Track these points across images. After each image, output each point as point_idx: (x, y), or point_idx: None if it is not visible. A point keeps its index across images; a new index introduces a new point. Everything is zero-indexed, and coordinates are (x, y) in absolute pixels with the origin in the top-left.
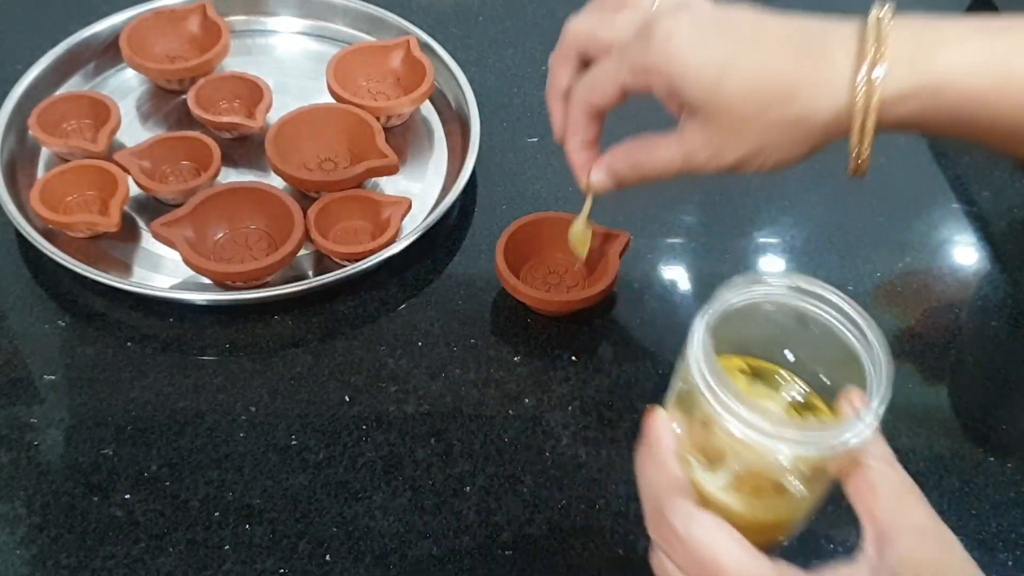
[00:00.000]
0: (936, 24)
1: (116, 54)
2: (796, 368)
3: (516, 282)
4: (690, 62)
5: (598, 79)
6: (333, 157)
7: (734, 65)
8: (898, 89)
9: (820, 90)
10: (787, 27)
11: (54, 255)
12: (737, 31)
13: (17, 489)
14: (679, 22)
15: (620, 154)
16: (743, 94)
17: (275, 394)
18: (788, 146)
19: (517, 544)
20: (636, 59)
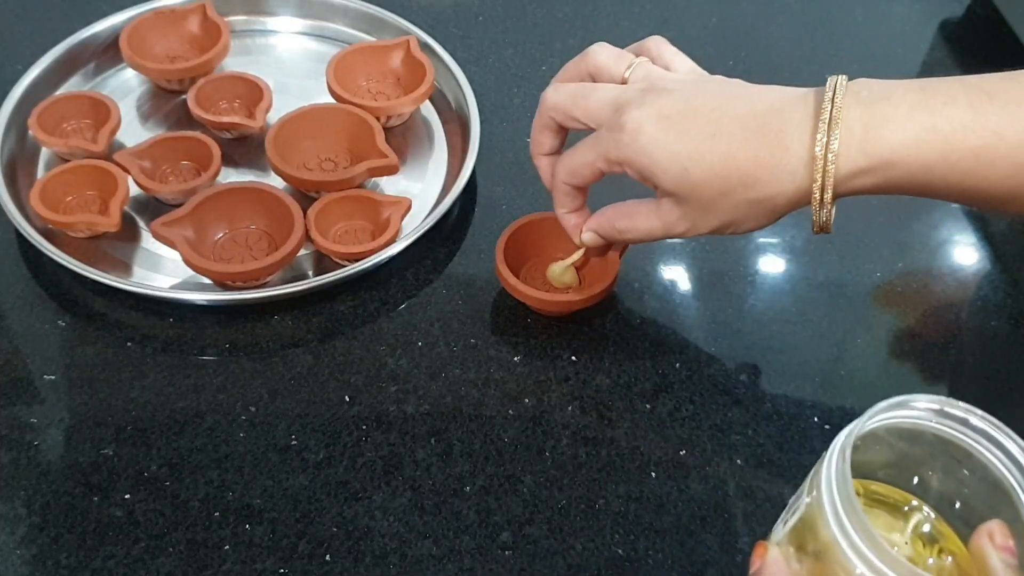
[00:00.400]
0: (884, 97)
1: (116, 54)
2: (924, 494)
3: (516, 282)
4: (658, 156)
5: (576, 165)
6: (333, 157)
7: (698, 157)
8: (852, 167)
9: (779, 174)
10: (745, 111)
11: (54, 255)
12: (697, 121)
13: (17, 489)
14: (645, 116)
15: (605, 220)
16: (708, 181)
17: (275, 394)
18: (756, 218)
19: (517, 544)
20: (608, 152)
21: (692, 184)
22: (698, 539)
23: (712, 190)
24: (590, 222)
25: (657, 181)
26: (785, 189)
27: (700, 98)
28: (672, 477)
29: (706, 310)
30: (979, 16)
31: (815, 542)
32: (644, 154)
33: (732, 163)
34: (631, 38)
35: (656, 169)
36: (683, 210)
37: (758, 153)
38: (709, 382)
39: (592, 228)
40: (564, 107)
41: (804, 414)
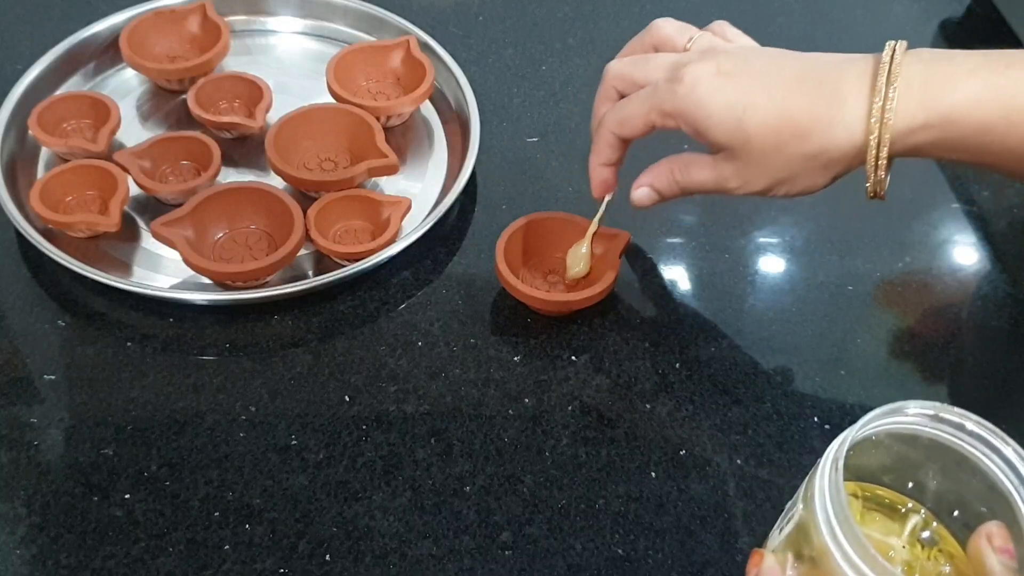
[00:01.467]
0: (946, 58)
1: (116, 54)
2: (921, 497)
3: (516, 282)
4: (712, 108)
5: (628, 114)
6: (333, 157)
7: (752, 107)
8: (909, 123)
9: (834, 127)
10: (803, 67)
11: (54, 255)
12: (755, 75)
13: (17, 489)
14: (704, 70)
15: (661, 172)
16: (762, 133)
17: (275, 394)
18: (810, 176)
19: (517, 544)
20: (664, 103)
21: (746, 136)
22: (698, 539)
23: (766, 143)
24: (642, 178)
25: (711, 135)
26: (840, 143)
27: (758, 56)
28: (672, 477)
29: (706, 310)
30: (979, 16)
31: (810, 548)
32: (699, 106)
33: (786, 115)
34: (631, 37)
35: (710, 122)
36: (736, 165)
37: (814, 105)
38: (709, 382)
39: (647, 182)
40: (625, 72)
41: (804, 414)
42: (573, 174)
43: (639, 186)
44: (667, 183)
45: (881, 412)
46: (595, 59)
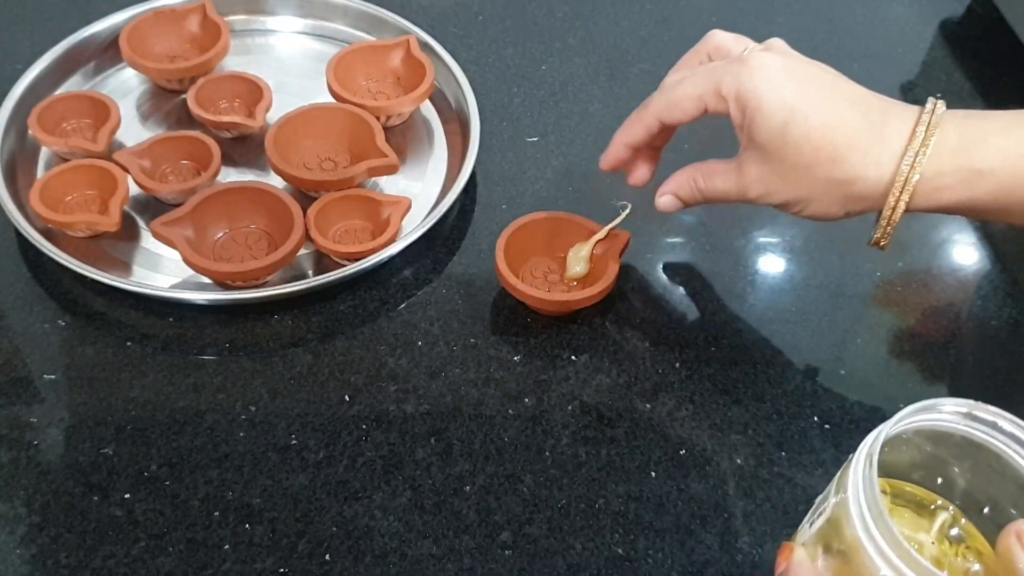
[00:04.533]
0: (981, 116)
1: (116, 54)
2: (950, 494)
3: (516, 281)
4: (769, 100)
5: (681, 95)
6: (333, 157)
7: (803, 114)
8: (938, 172)
9: (869, 160)
10: (857, 95)
11: (54, 255)
12: (814, 85)
13: (17, 488)
14: (772, 59)
15: (685, 179)
16: (801, 145)
17: (275, 394)
18: (828, 202)
19: (517, 543)
20: (722, 82)
21: (785, 141)
22: (698, 538)
23: (801, 157)
24: (666, 185)
25: (755, 127)
26: (869, 178)
27: (818, 69)
28: (672, 476)
29: (706, 310)
30: (979, 15)
31: (841, 542)
32: (757, 93)
33: (829, 135)
34: (631, 38)
35: (760, 114)
36: (763, 170)
37: (856, 134)
38: (709, 381)
39: (671, 190)
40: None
41: (804, 414)
42: (573, 174)
43: (663, 193)
44: (689, 191)
45: (914, 409)
46: (595, 59)
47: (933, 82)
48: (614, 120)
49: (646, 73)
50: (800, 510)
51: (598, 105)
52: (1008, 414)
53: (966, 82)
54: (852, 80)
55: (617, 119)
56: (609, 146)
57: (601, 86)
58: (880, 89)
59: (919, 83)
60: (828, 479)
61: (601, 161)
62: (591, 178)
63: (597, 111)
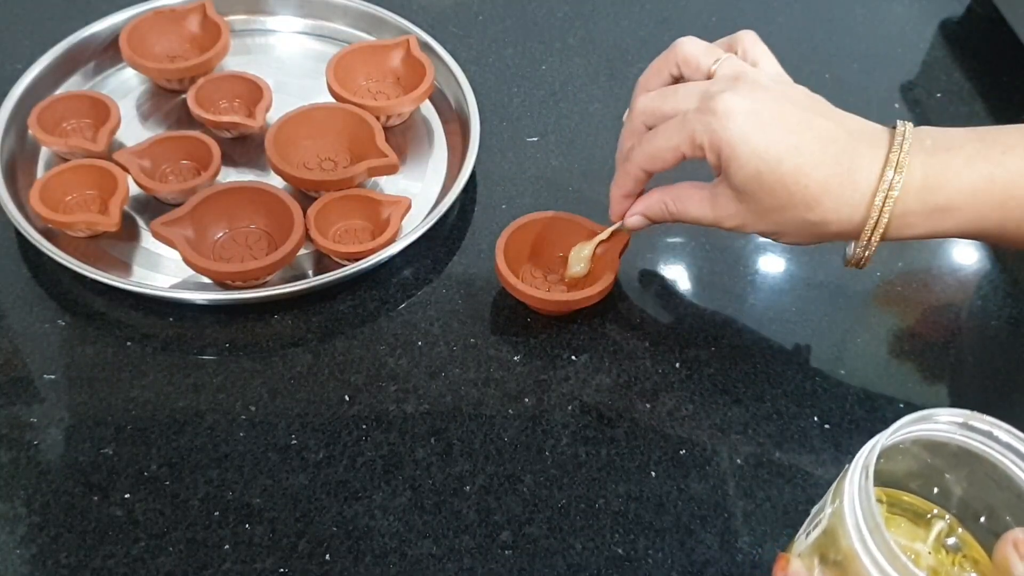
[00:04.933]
0: (945, 147)
1: (116, 53)
2: (946, 503)
3: (516, 281)
4: (740, 150)
5: (658, 147)
6: (333, 156)
7: (776, 161)
8: (906, 210)
9: (841, 204)
10: (828, 129)
11: (54, 254)
12: (787, 125)
13: (17, 488)
14: (740, 103)
15: (655, 201)
16: (775, 191)
17: (275, 393)
18: (802, 237)
19: (517, 543)
20: (695, 133)
21: (759, 187)
22: (698, 538)
23: (775, 200)
24: (637, 205)
25: (730, 173)
26: (841, 219)
27: (789, 105)
28: (672, 476)
29: (706, 310)
30: (979, 16)
31: (837, 552)
32: (730, 144)
33: (803, 181)
34: (631, 37)
35: (733, 162)
36: (739, 208)
37: (829, 179)
38: (709, 381)
39: (640, 211)
40: (654, 107)
41: (804, 413)
42: (573, 174)
43: (632, 214)
44: (659, 212)
45: (911, 419)
46: (595, 59)
47: (933, 82)
48: (614, 120)
49: None
50: (800, 510)
51: (598, 105)
52: (1004, 424)
53: (966, 82)
54: (826, 100)
55: (617, 119)
56: (611, 204)
57: (601, 86)
58: (880, 89)
59: (919, 83)
60: (828, 479)
61: (611, 217)
62: (591, 178)
63: (597, 111)
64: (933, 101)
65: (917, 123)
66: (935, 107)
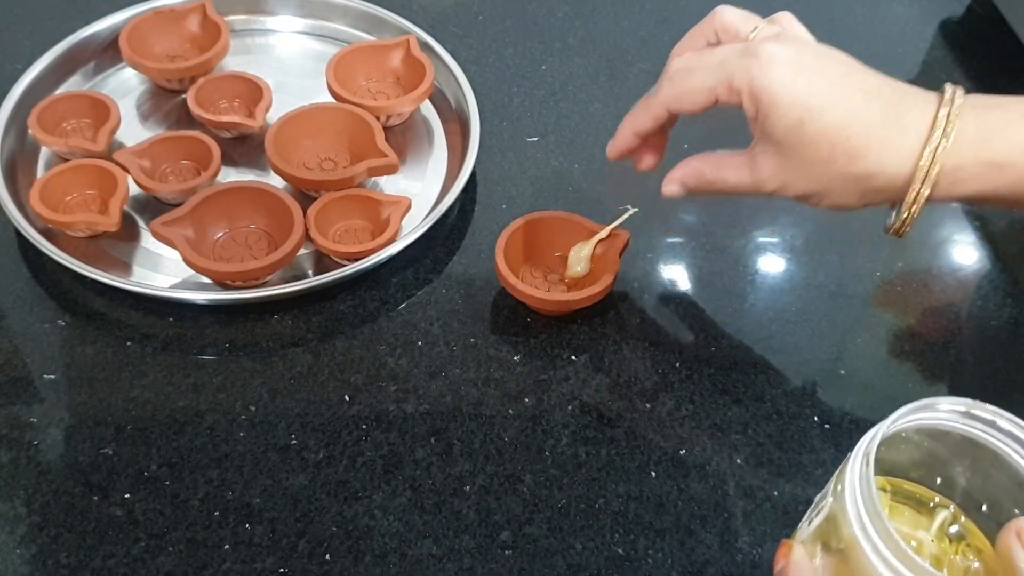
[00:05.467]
0: (1000, 105)
1: (116, 53)
2: (949, 492)
3: (516, 281)
4: (782, 96)
5: (691, 86)
6: (333, 156)
7: (819, 111)
8: (958, 164)
9: (888, 155)
10: (873, 85)
11: (54, 254)
12: (829, 79)
13: (17, 488)
14: (783, 51)
15: (692, 170)
16: (819, 141)
17: (275, 393)
18: (847, 195)
19: (517, 543)
20: (734, 75)
21: (801, 138)
22: (698, 538)
23: (818, 152)
24: (674, 172)
25: (770, 124)
26: (888, 172)
27: (832, 59)
28: (672, 476)
29: (706, 309)
30: (979, 15)
31: (839, 541)
32: (771, 89)
33: (846, 131)
34: (631, 38)
35: (775, 111)
36: (779, 164)
37: (873, 128)
38: (709, 381)
39: (678, 179)
40: (691, 63)
41: (804, 413)
42: (573, 174)
43: (670, 181)
44: (697, 181)
45: (912, 408)
46: (595, 59)
47: (933, 82)
48: (614, 120)
49: (646, 73)
50: (800, 510)
51: (598, 105)
52: (1006, 413)
53: (966, 82)
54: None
55: (617, 119)
56: (616, 134)
57: (601, 86)
58: None
59: (919, 83)
60: (828, 479)
61: (608, 149)
62: (591, 178)
63: (597, 111)
64: None
65: None
66: None
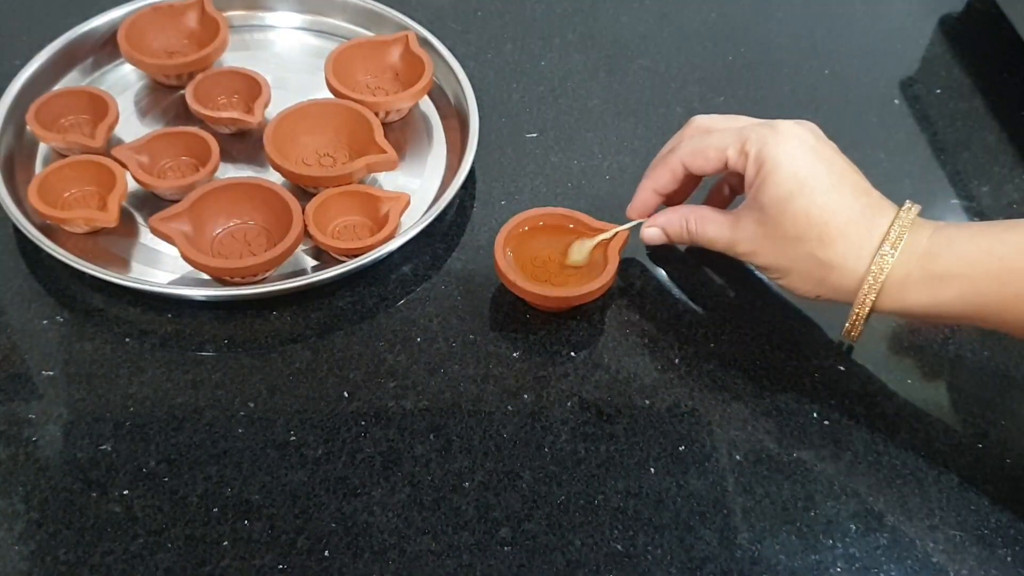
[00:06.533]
0: (956, 225)
1: (114, 49)
2: None
3: (515, 277)
4: (785, 167)
5: (708, 145)
6: (332, 152)
7: (810, 190)
8: (906, 273)
9: (851, 251)
10: (862, 188)
11: (52, 251)
12: (831, 168)
13: (15, 485)
14: (800, 131)
15: (677, 218)
16: (799, 218)
17: (273, 390)
18: (805, 280)
19: (516, 540)
20: (749, 139)
21: (785, 210)
22: (697, 535)
23: (795, 227)
24: (658, 218)
25: (763, 190)
26: (847, 266)
27: (839, 157)
28: (671, 473)
29: (705, 306)
30: (979, 11)
31: None
32: (776, 159)
33: (826, 217)
34: (631, 34)
35: (772, 178)
36: (757, 231)
37: (849, 225)
38: (708, 378)
39: (660, 224)
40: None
41: (803, 410)
42: (572, 170)
43: (652, 225)
44: (678, 230)
45: None
46: (594, 55)
47: (933, 78)
48: (613, 116)
49: (646, 69)
50: (799, 506)
51: (597, 101)
52: None
53: (966, 78)
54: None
55: (616, 115)
56: (637, 194)
57: (601, 82)
58: (880, 85)
59: (919, 79)
60: (828, 475)
61: (628, 210)
62: (590, 174)
63: (596, 107)
64: (932, 97)
65: (916, 119)
66: (934, 103)
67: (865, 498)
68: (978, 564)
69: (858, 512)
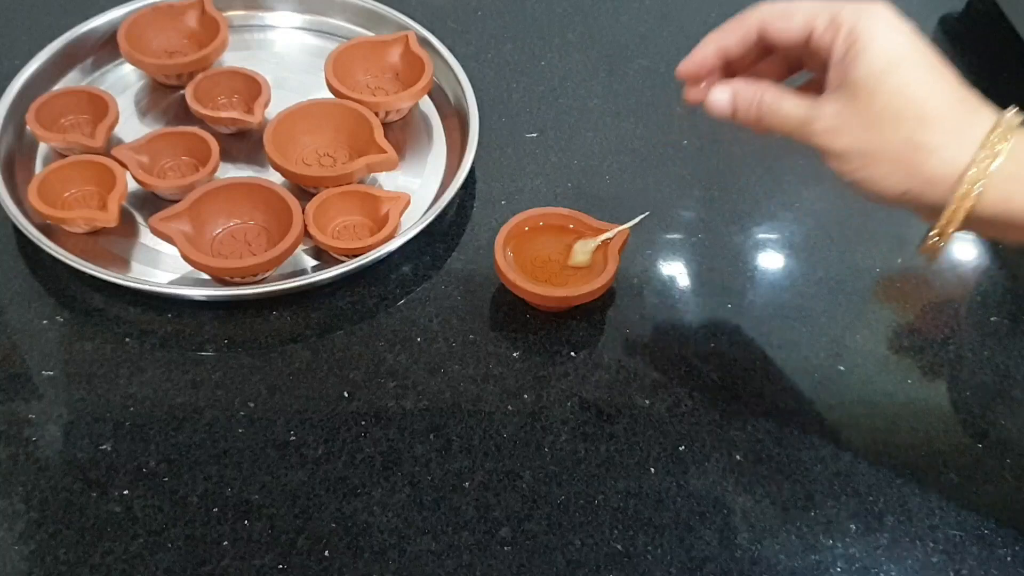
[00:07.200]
0: None
1: (114, 49)
2: None
3: (515, 277)
4: (880, 41)
5: (798, 8)
6: (332, 152)
7: (908, 66)
8: (1016, 171)
9: (952, 135)
10: (957, 79)
11: (52, 251)
12: (926, 53)
13: (15, 485)
14: (893, 14)
15: (753, 88)
16: (896, 95)
17: (273, 390)
18: (891, 169)
19: (516, 539)
20: (843, 11)
21: (880, 86)
22: (697, 535)
23: (891, 105)
24: (729, 85)
25: (855, 64)
26: (946, 153)
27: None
28: (671, 473)
29: (705, 306)
30: (978, 11)
31: None
32: (871, 32)
33: (924, 94)
34: (630, 33)
35: (867, 53)
36: (843, 107)
37: (950, 106)
38: (708, 378)
39: (733, 89)
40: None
41: (803, 410)
42: (572, 169)
43: (723, 90)
44: (748, 103)
45: None
46: (594, 54)
47: None
48: (613, 116)
49: (645, 69)
50: (799, 506)
51: (597, 101)
52: None
53: (966, 78)
54: None
55: (616, 115)
56: (696, 48)
57: (600, 82)
58: None
59: None
60: (828, 476)
61: (681, 65)
62: (590, 174)
63: (596, 107)
64: None
65: None
66: None
67: (865, 498)
68: (978, 564)
69: (858, 512)
